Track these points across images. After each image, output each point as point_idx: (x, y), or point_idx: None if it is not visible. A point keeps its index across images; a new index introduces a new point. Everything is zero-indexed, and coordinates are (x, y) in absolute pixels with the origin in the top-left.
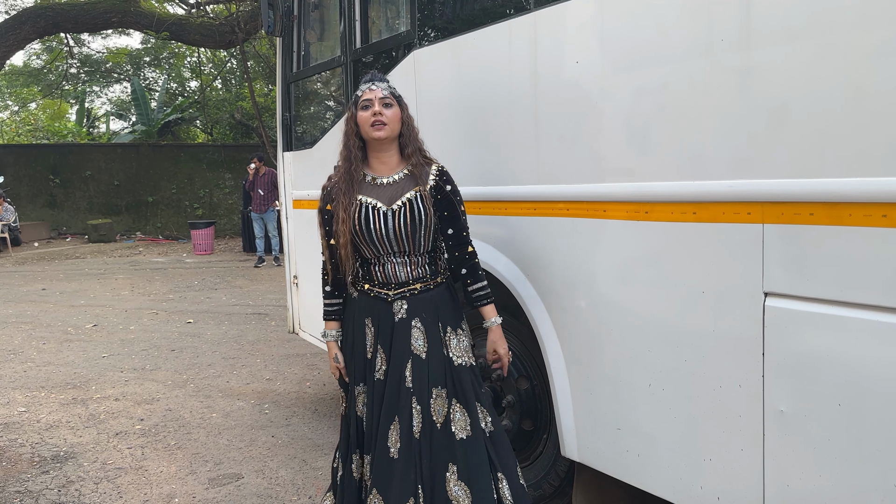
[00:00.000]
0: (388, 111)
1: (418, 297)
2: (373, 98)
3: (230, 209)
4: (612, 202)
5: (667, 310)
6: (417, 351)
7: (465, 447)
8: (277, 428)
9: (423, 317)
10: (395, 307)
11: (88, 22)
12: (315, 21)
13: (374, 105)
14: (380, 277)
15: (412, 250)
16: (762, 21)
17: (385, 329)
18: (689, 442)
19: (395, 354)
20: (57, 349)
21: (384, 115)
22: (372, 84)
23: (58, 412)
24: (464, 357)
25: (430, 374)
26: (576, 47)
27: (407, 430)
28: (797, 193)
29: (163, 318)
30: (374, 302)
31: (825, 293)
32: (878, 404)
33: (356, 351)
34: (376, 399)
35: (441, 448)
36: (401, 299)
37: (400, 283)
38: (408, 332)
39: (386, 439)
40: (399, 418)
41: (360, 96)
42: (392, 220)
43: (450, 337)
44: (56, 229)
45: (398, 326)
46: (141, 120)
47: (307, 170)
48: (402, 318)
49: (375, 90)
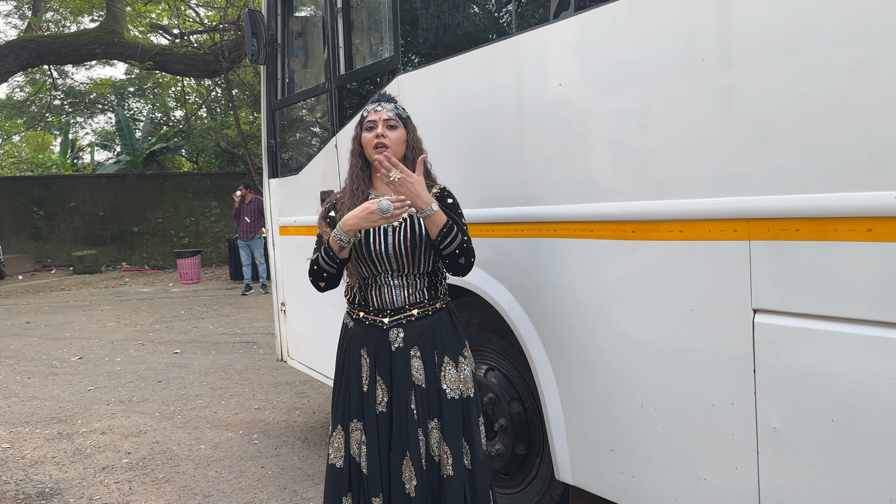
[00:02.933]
0: (392, 133)
1: (416, 325)
2: (377, 119)
3: (216, 237)
4: (599, 222)
5: (656, 329)
6: (418, 381)
7: (447, 485)
8: (267, 458)
9: (420, 345)
10: (391, 335)
11: (72, 54)
12: (299, 48)
13: (377, 127)
14: (375, 303)
15: (411, 269)
16: (742, 40)
17: (382, 359)
18: (684, 462)
19: (397, 385)
20: (42, 383)
21: (387, 137)
22: (378, 105)
23: (43, 447)
24: (458, 390)
25: (429, 406)
26: (558, 70)
27: (419, 464)
28: (782, 209)
29: (149, 349)
30: (370, 331)
31: (814, 308)
32: (871, 419)
33: (351, 383)
34: (382, 434)
35: (435, 484)
36: (397, 327)
37: (396, 308)
38: (407, 361)
39: (400, 475)
40: (411, 453)
41: (365, 116)
42: (392, 236)
43: (446, 368)
44: (41, 262)
45: (396, 356)
46: (126, 150)
47: (293, 196)
48: (399, 348)
49: (381, 111)
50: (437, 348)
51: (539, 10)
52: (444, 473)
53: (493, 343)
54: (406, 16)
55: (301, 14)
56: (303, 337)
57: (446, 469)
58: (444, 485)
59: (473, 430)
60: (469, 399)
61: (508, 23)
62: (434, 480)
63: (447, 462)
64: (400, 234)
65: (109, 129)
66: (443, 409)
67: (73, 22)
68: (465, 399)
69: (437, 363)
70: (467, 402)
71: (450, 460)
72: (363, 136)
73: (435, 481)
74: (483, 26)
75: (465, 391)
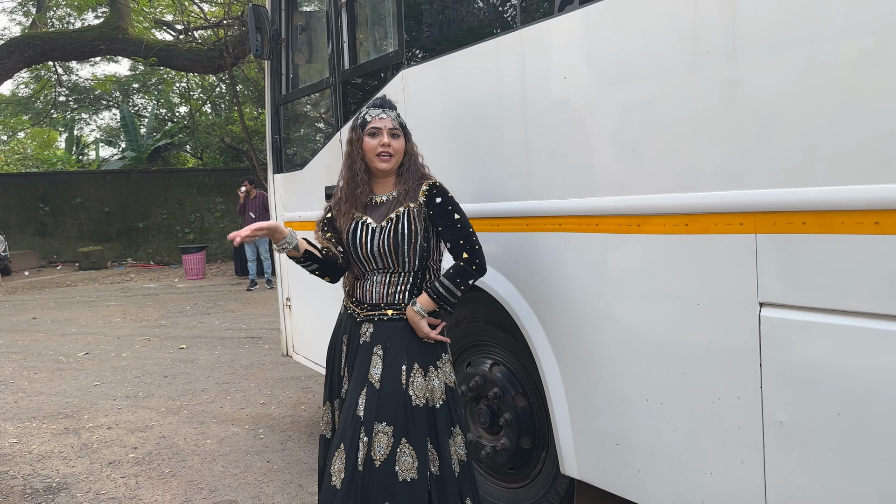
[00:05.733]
0: (395, 142)
1: (387, 325)
2: (382, 128)
3: (221, 233)
4: (604, 216)
5: (662, 323)
6: (373, 380)
7: (406, 489)
8: (272, 453)
9: (386, 346)
10: (362, 328)
11: (76, 50)
12: (303, 44)
13: (382, 135)
14: (357, 295)
15: (395, 267)
16: (748, 33)
17: (353, 349)
18: (689, 456)
19: (354, 378)
20: (48, 378)
21: (392, 146)
22: (382, 112)
23: (50, 442)
24: (426, 397)
25: (379, 408)
26: (563, 63)
27: (353, 460)
28: (788, 203)
29: (155, 345)
30: (349, 320)
31: (820, 302)
32: (878, 412)
33: (334, 365)
34: (339, 417)
35: (378, 487)
36: (368, 322)
37: (372, 304)
38: (368, 357)
39: (330, 466)
40: (346, 447)
41: (368, 121)
42: (378, 235)
43: (415, 375)
44: (46, 258)
45: (362, 349)
46: (130, 146)
47: (298, 191)
48: (365, 342)
49: (385, 119)
50: (407, 353)
51: (544, 4)
52: (404, 477)
53: (497, 338)
54: (410, 10)
55: (305, 9)
56: (308, 332)
57: (405, 473)
58: (399, 487)
59: (442, 438)
60: (436, 409)
61: (513, 16)
62: (380, 482)
63: (409, 466)
64: (384, 234)
65: (114, 125)
66: (408, 414)
67: (78, 18)
68: (431, 408)
69: (406, 368)
70: (433, 412)
71: (415, 466)
72: (365, 140)
73: (381, 483)
74: (487, 20)
75: (431, 400)
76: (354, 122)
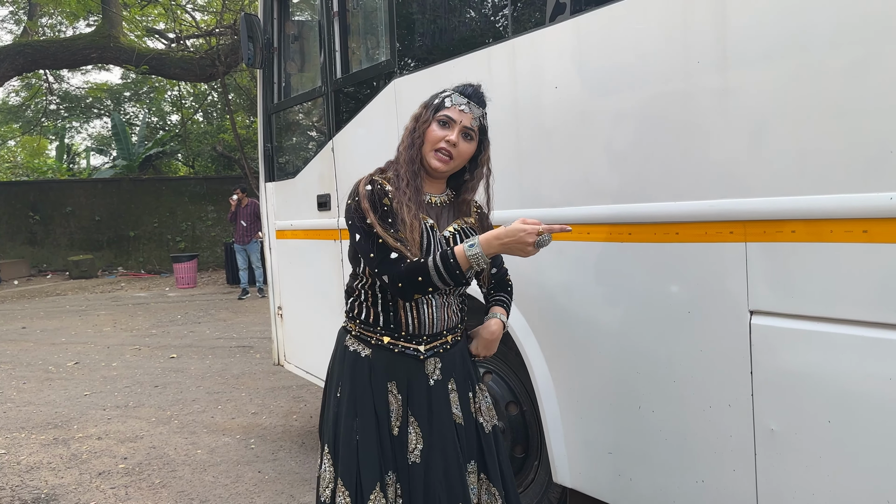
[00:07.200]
0: (464, 145)
1: (450, 353)
2: (457, 121)
3: (213, 241)
4: (595, 224)
5: (653, 331)
6: (458, 420)
7: None
8: (264, 463)
9: (455, 377)
10: (427, 367)
11: (67, 58)
12: (295, 52)
13: (453, 130)
14: (411, 325)
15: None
16: (738, 43)
17: (418, 396)
18: (681, 464)
19: (438, 427)
20: (37, 388)
21: (458, 147)
22: (467, 105)
23: (39, 453)
24: (492, 420)
25: (469, 447)
26: (555, 73)
27: None
28: (778, 211)
29: (146, 354)
30: (400, 360)
31: (810, 310)
32: (868, 420)
33: (380, 426)
34: (415, 490)
35: None
36: (434, 356)
37: (433, 334)
38: (446, 397)
39: None
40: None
41: (445, 106)
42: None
43: (479, 397)
44: (36, 266)
45: (434, 392)
46: (122, 154)
47: (290, 200)
48: (437, 381)
49: (466, 113)
50: (469, 378)
51: (535, 14)
52: None
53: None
54: (402, 20)
55: (297, 18)
56: (299, 341)
57: None
58: None
59: (505, 463)
60: (497, 427)
61: (505, 26)
62: None
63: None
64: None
65: (105, 133)
66: (482, 444)
67: (69, 26)
68: (495, 428)
69: (471, 395)
70: (496, 433)
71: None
72: (431, 127)
73: None
74: (479, 30)
75: (493, 419)
76: (430, 100)
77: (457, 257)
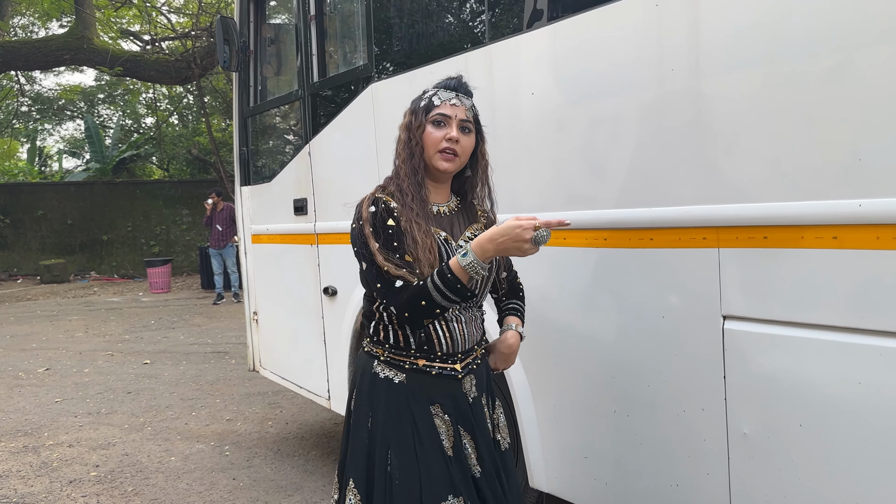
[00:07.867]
0: (465, 139)
1: (480, 368)
2: (452, 116)
3: (188, 246)
4: (573, 230)
5: (628, 335)
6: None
7: None
8: (239, 470)
9: (486, 392)
10: (465, 385)
11: (40, 60)
12: (272, 56)
13: (451, 126)
14: (445, 344)
15: (478, 300)
16: (711, 51)
17: (464, 412)
18: (656, 468)
19: (482, 443)
20: (7, 395)
21: (460, 143)
22: (456, 98)
23: (7, 461)
24: (507, 437)
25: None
26: (531, 79)
27: None
28: (750, 217)
29: (118, 360)
30: (440, 382)
31: (782, 315)
32: (839, 423)
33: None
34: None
35: None
36: (470, 374)
37: (466, 350)
38: (483, 414)
39: None
40: None
41: (435, 105)
42: None
43: (497, 412)
44: (6, 271)
45: (475, 408)
46: (95, 157)
47: (266, 204)
48: (475, 398)
49: (458, 107)
50: (491, 392)
51: (513, 20)
52: None
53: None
54: (380, 24)
55: (274, 21)
56: (275, 347)
57: None
58: None
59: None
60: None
61: (482, 32)
62: None
63: None
64: None
65: (78, 136)
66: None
67: (42, 27)
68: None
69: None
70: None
71: None
72: (427, 130)
73: None
74: (456, 35)
75: (507, 437)
76: (415, 104)
77: (454, 271)
